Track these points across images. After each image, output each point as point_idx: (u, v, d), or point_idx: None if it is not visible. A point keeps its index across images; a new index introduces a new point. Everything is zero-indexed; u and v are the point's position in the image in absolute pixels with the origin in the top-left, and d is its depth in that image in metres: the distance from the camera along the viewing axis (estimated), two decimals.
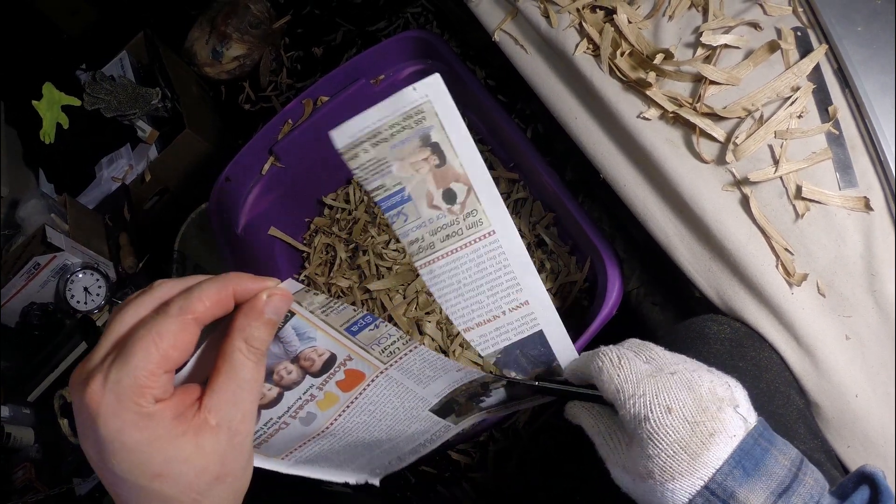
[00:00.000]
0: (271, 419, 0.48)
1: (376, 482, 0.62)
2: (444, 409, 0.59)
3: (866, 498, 0.48)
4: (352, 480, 0.60)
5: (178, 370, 0.42)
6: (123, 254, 1.59)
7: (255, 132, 1.34)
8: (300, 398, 0.48)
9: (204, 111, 1.92)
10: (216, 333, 0.44)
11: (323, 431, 0.51)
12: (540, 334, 0.60)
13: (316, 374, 0.48)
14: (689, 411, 0.48)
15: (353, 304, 1.34)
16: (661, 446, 0.47)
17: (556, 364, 0.61)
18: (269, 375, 0.46)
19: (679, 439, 0.47)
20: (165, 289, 0.43)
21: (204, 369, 0.44)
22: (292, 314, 0.46)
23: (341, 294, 1.37)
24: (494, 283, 0.57)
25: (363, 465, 0.59)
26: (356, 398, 0.51)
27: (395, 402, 0.54)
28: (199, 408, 0.41)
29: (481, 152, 1.29)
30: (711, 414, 0.48)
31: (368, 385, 0.51)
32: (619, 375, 0.51)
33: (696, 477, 0.47)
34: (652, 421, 0.48)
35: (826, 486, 0.48)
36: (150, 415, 0.39)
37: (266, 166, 1.34)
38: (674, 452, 0.47)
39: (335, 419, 0.51)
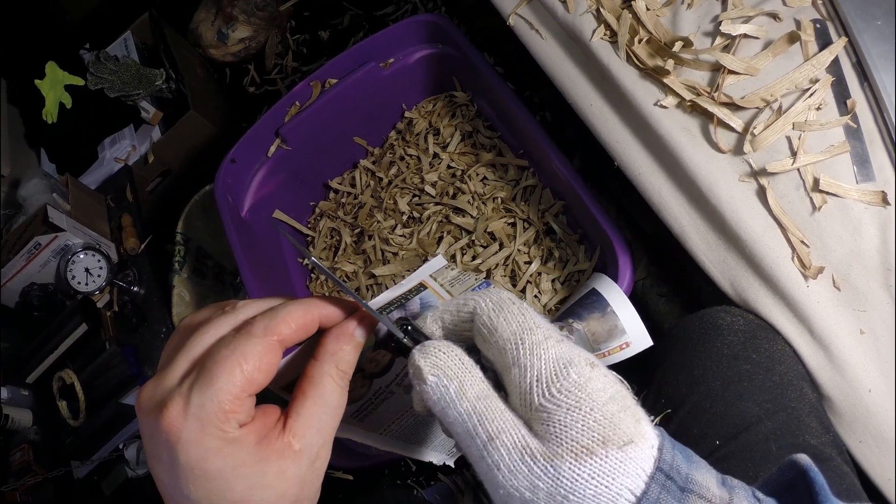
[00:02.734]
0: (380, 388, 0.47)
1: (451, 463, 0.59)
2: None
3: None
4: (434, 460, 0.58)
5: None
6: (125, 235, 1.58)
7: (260, 115, 1.33)
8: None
9: (208, 93, 1.91)
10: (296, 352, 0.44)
11: None
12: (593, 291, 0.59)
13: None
14: (612, 375, 0.37)
15: (357, 289, 1.34)
16: (599, 400, 0.35)
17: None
18: (386, 341, 0.45)
19: (614, 396, 0.36)
20: (248, 310, 0.42)
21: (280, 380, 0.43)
22: (424, 287, 0.45)
23: (346, 279, 1.36)
24: None
25: (445, 441, 0.58)
26: None
27: None
28: (282, 430, 0.39)
29: (490, 139, 1.30)
30: (625, 387, 0.38)
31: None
32: (522, 315, 0.38)
33: (646, 446, 0.35)
34: (576, 371, 0.36)
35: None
36: (234, 440, 0.37)
37: (272, 148, 1.33)
38: (617, 409, 0.35)
39: None
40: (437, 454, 0.59)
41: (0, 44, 2.14)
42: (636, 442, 0.34)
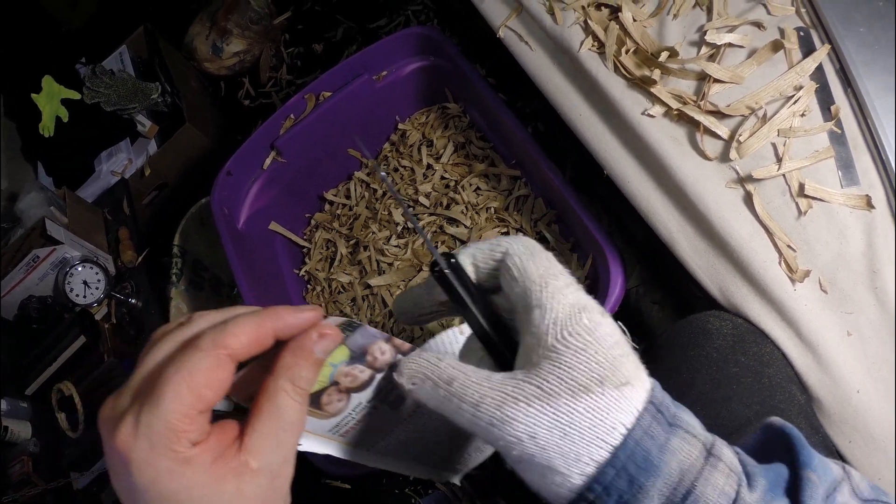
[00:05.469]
0: (360, 403, 0.45)
1: (457, 480, 0.58)
2: None
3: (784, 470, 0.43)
4: (434, 477, 0.56)
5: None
6: (123, 248, 1.59)
7: (255, 128, 1.34)
8: (391, 381, 0.44)
9: (204, 106, 1.92)
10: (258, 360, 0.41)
11: (409, 417, 0.48)
12: None
13: (407, 354, 0.45)
14: (618, 325, 0.41)
15: (353, 299, 1.35)
16: (604, 344, 0.38)
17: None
18: (362, 356, 0.43)
19: (619, 342, 0.39)
20: (202, 323, 0.40)
21: (244, 391, 0.41)
22: (358, 324, 0.43)
23: (342, 290, 1.37)
24: None
25: (446, 457, 0.55)
26: None
27: None
28: (239, 448, 0.38)
29: (483, 150, 1.31)
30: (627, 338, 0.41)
31: None
32: (549, 262, 0.42)
33: (641, 388, 0.39)
34: (588, 317, 0.39)
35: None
36: (187, 460, 0.36)
37: (267, 161, 1.34)
38: (620, 354, 0.39)
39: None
40: (440, 471, 0.57)
41: None
42: (632, 384, 0.38)
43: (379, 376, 0.44)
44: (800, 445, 0.44)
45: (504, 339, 0.44)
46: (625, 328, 0.36)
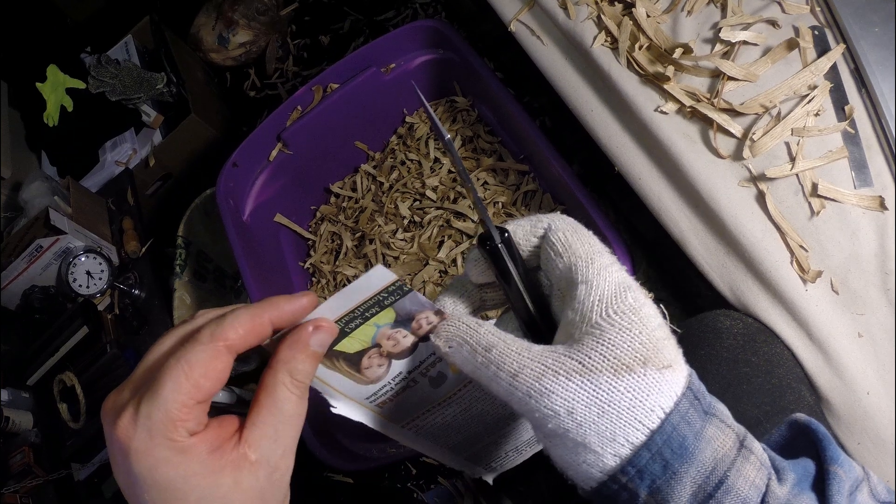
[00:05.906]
0: (401, 373, 0.45)
1: (490, 479, 0.58)
2: None
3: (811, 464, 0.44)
4: (468, 470, 0.56)
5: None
6: (126, 238, 1.59)
7: (261, 119, 1.34)
8: (434, 354, 0.45)
9: (209, 97, 1.91)
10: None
11: (449, 398, 0.48)
12: None
13: None
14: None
15: None
16: (649, 325, 0.38)
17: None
18: (408, 322, 0.43)
19: (661, 324, 0.39)
20: (204, 318, 0.42)
21: None
22: (409, 288, 0.42)
23: (346, 283, 1.37)
24: None
25: (481, 452, 0.55)
26: None
27: None
28: (238, 441, 0.39)
29: (491, 144, 1.30)
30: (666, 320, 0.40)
31: None
32: (592, 239, 0.42)
33: (681, 373, 0.39)
34: (633, 296, 0.39)
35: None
36: (185, 449, 0.37)
37: (274, 153, 1.33)
38: (662, 336, 0.39)
39: (464, 385, 0.48)
40: (473, 465, 0.56)
41: (1, 47, 2.15)
42: (674, 367, 0.38)
43: (422, 345, 0.44)
44: (826, 441, 0.44)
45: (544, 318, 0.43)
46: (665, 311, 0.34)
